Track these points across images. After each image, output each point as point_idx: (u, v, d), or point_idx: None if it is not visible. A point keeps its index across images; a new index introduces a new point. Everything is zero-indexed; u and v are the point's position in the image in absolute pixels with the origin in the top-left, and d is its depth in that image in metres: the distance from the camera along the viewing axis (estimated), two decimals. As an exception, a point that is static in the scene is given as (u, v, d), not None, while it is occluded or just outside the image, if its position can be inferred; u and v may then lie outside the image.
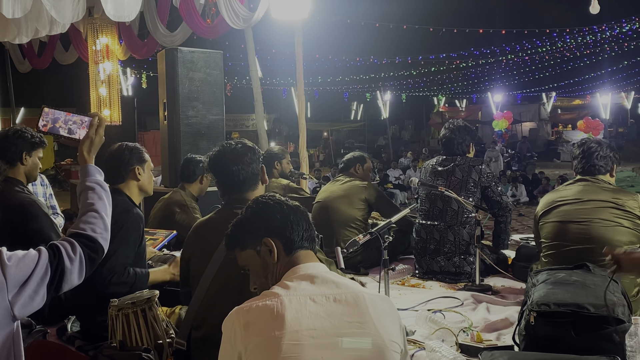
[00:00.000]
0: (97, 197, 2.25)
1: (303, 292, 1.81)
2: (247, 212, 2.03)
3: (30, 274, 1.89)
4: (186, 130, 6.75)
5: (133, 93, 20.49)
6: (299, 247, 1.97)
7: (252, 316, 1.76)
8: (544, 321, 2.70)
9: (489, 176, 4.71)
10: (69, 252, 2.01)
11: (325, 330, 1.75)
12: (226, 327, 1.81)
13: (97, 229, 2.16)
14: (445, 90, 36.10)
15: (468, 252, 4.58)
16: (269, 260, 1.97)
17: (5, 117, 17.68)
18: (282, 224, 1.97)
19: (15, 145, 3.87)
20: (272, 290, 1.84)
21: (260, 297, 1.83)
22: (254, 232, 2.00)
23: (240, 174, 2.72)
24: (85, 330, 3.37)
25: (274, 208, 1.99)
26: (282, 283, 1.87)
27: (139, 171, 3.49)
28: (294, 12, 6.62)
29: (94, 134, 2.38)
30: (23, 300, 1.86)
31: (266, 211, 2.00)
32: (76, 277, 2.03)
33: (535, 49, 24.72)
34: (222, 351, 1.83)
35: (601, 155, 3.73)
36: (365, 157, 5.68)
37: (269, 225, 1.98)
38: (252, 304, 1.80)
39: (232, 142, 2.86)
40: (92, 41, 10.24)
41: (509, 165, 23.89)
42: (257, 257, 1.99)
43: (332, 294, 1.83)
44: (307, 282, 1.86)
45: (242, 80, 25.22)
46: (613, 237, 3.46)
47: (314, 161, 27.57)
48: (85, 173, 2.33)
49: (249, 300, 1.83)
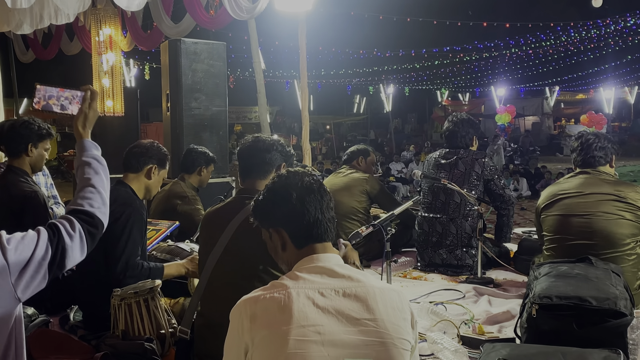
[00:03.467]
0: (94, 172, 2.23)
1: (312, 285, 1.77)
2: (263, 193, 1.98)
3: (31, 255, 1.88)
4: (189, 121, 6.74)
5: (136, 84, 20.42)
6: (309, 240, 1.90)
7: (260, 308, 1.73)
8: (546, 314, 2.71)
9: (492, 169, 4.71)
10: (68, 229, 2.00)
11: (332, 326, 1.71)
12: (234, 316, 1.78)
13: (94, 203, 2.14)
14: (449, 83, 36.00)
15: (470, 244, 4.59)
16: (277, 247, 1.95)
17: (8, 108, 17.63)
18: (289, 217, 1.91)
19: (21, 136, 3.88)
20: (281, 281, 1.80)
21: (268, 287, 1.80)
22: (263, 217, 1.97)
23: (252, 158, 2.74)
24: (88, 319, 3.38)
25: (283, 198, 1.91)
26: (292, 273, 1.84)
27: (154, 171, 3.50)
28: (297, 4, 6.60)
29: (87, 108, 2.33)
30: (25, 281, 1.85)
31: (275, 200, 1.93)
32: (78, 253, 2.01)
33: (539, 43, 24.61)
34: (228, 340, 1.81)
35: (599, 146, 3.73)
36: (368, 150, 5.68)
37: (274, 215, 1.94)
38: (259, 295, 1.77)
39: (264, 136, 2.89)
40: (95, 32, 10.20)
41: (512, 159, 23.86)
42: (269, 240, 1.98)
43: (342, 287, 1.78)
44: (317, 274, 1.81)
45: (245, 73, 25.20)
46: (615, 230, 3.46)
47: (317, 154, 27.60)
48: (82, 148, 2.29)
49: (257, 290, 1.80)
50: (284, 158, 2.79)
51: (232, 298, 2.46)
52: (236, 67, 25.02)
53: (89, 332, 3.25)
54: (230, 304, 2.49)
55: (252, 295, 1.79)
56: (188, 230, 4.52)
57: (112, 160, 5.49)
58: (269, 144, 2.75)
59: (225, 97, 7.05)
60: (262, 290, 1.79)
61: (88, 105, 2.33)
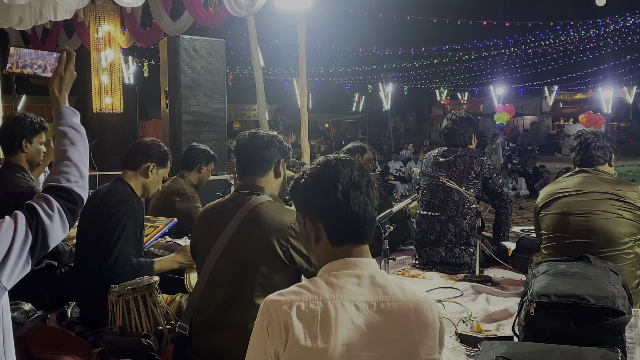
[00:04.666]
0: (70, 142, 2.09)
1: (348, 296, 1.64)
2: (305, 176, 1.79)
3: (11, 243, 1.80)
4: (188, 118, 6.75)
5: (135, 81, 20.42)
6: (347, 240, 1.75)
7: (295, 318, 1.60)
8: (544, 312, 2.71)
9: (491, 167, 4.71)
10: (46, 209, 1.91)
11: (362, 345, 1.61)
12: (263, 320, 1.64)
13: (71, 177, 2.02)
14: (448, 82, 36.01)
15: (468, 243, 4.59)
16: (310, 238, 1.78)
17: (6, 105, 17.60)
18: (329, 210, 1.73)
19: (14, 133, 3.86)
20: (316, 288, 1.66)
21: (302, 290, 1.66)
22: (301, 203, 1.81)
23: (252, 155, 2.70)
24: (85, 315, 3.38)
25: (328, 188, 1.73)
26: (327, 279, 1.69)
27: (152, 169, 3.48)
28: (297, 1, 6.60)
29: (63, 69, 2.17)
30: (9, 269, 1.79)
31: (318, 189, 1.75)
32: (60, 232, 1.93)
33: (538, 42, 24.63)
34: (254, 342, 1.67)
35: (598, 145, 3.73)
36: (365, 147, 5.67)
37: (313, 204, 1.77)
38: (293, 300, 1.63)
39: (261, 131, 2.85)
40: (94, 29, 10.19)
41: (510, 159, 23.86)
42: (302, 227, 1.82)
43: (376, 301, 1.66)
44: (353, 283, 1.67)
45: (244, 70, 25.17)
46: (614, 228, 3.46)
47: (315, 152, 27.54)
48: (58, 115, 2.14)
49: (289, 291, 1.67)
50: (282, 154, 2.78)
51: (231, 295, 2.45)
52: (235, 65, 25.00)
53: (86, 328, 3.24)
54: (229, 301, 2.47)
55: (282, 298, 1.64)
56: (186, 227, 4.51)
57: (111, 156, 5.50)
58: (268, 141, 2.73)
59: (224, 95, 7.05)
60: (294, 294, 1.65)
61: (64, 66, 2.19)
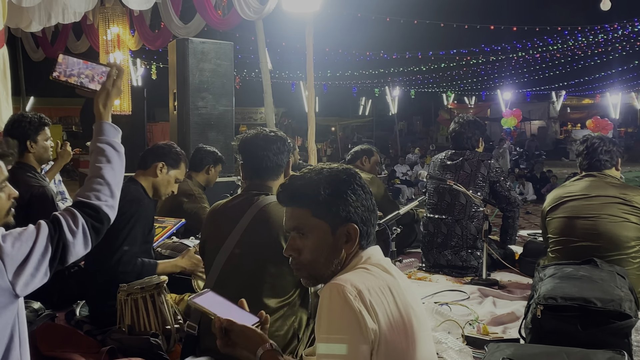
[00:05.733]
0: (106, 160, 2.07)
1: (389, 281, 1.70)
2: (341, 186, 1.75)
3: (29, 252, 1.81)
4: (196, 120, 6.77)
5: (143, 84, 20.48)
6: (372, 242, 1.80)
7: (374, 302, 1.61)
8: (551, 315, 2.72)
9: (498, 171, 4.71)
10: (71, 224, 1.91)
11: (423, 320, 1.74)
12: (348, 311, 1.57)
13: (101, 196, 2.01)
14: (455, 86, 35.97)
15: (475, 246, 4.59)
16: (342, 246, 1.75)
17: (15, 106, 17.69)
18: (367, 215, 1.77)
19: (15, 137, 3.87)
20: (369, 273, 1.68)
21: (361, 278, 1.65)
22: (341, 209, 1.74)
23: (265, 160, 2.69)
24: (94, 314, 3.40)
25: (367, 194, 1.78)
26: (359, 271, 1.70)
27: (161, 168, 3.50)
28: (305, 5, 6.61)
29: (110, 85, 2.16)
30: (25, 279, 1.79)
31: (362, 195, 1.76)
32: (81, 248, 1.93)
33: (546, 47, 24.56)
34: (352, 339, 1.56)
35: (605, 149, 3.73)
36: (372, 150, 5.70)
37: (356, 210, 1.75)
38: (361, 286, 1.60)
39: (268, 130, 2.84)
40: (104, 31, 10.24)
41: (517, 163, 23.79)
42: (329, 235, 1.74)
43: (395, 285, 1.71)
44: (384, 272, 1.72)
45: (252, 73, 25.20)
46: (620, 232, 3.47)
47: (322, 155, 27.54)
48: (99, 131, 2.12)
49: (344, 279, 1.62)
50: (289, 153, 2.80)
51: (240, 295, 2.46)
52: (242, 68, 25.03)
53: (95, 327, 3.26)
54: (238, 300, 2.47)
55: (354, 287, 1.59)
56: (194, 227, 4.54)
57: (120, 158, 5.34)
58: (281, 145, 2.73)
59: (232, 97, 7.07)
60: (359, 281, 1.62)
61: (112, 82, 2.17)
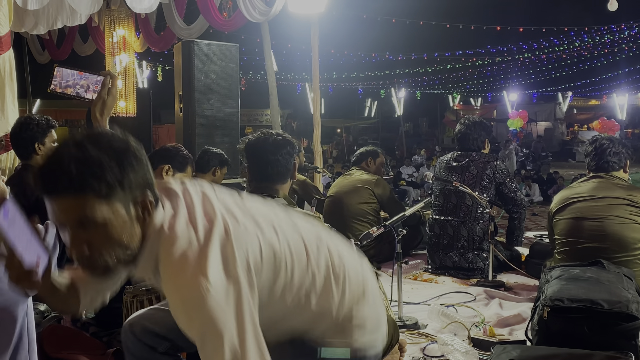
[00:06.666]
0: None
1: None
2: (106, 149, 1.41)
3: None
4: (201, 122, 6.77)
5: (149, 86, 20.53)
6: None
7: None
8: (558, 316, 2.71)
9: (504, 172, 4.70)
10: None
11: None
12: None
13: None
14: (461, 88, 35.93)
15: (481, 247, 4.58)
16: (139, 220, 1.47)
17: (21, 109, 17.73)
18: (148, 171, 1.50)
19: (24, 139, 3.88)
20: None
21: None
22: (131, 183, 1.44)
23: (275, 164, 2.68)
24: (100, 316, 3.39)
25: (138, 153, 1.49)
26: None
27: (167, 172, 3.49)
28: (310, 6, 6.63)
29: (105, 94, 2.21)
30: None
31: (137, 156, 1.47)
32: None
33: (552, 48, 24.50)
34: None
35: (614, 151, 3.71)
36: (378, 151, 5.69)
37: (140, 176, 1.47)
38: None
39: (274, 132, 2.82)
40: (109, 33, 10.27)
41: (524, 165, 23.73)
42: (124, 215, 1.44)
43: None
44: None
45: (257, 75, 25.22)
46: (627, 234, 3.45)
47: (327, 157, 27.52)
48: None
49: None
50: (295, 155, 2.80)
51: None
52: (248, 70, 25.06)
53: (100, 329, 3.27)
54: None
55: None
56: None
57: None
58: (290, 149, 2.72)
59: (237, 99, 7.07)
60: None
61: (107, 91, 2.22)
